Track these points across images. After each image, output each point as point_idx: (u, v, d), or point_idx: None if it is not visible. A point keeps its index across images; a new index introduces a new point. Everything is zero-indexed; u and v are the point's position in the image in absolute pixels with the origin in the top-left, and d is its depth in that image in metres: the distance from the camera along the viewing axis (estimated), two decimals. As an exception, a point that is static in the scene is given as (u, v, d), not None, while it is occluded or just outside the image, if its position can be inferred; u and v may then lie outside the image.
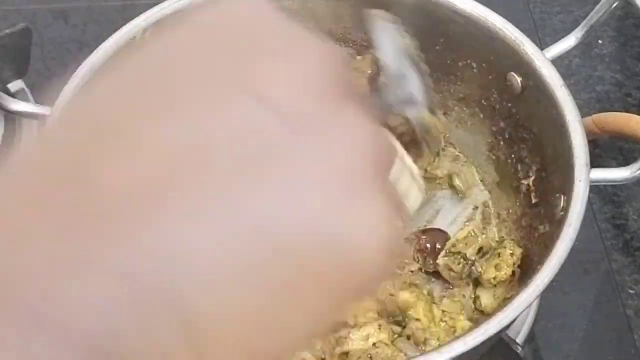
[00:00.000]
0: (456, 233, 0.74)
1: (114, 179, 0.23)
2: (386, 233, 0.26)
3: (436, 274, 0.73)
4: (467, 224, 0.77)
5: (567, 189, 0.64)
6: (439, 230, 0.75)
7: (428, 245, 0.73)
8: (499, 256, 0.69)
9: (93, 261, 0.22)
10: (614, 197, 0.84)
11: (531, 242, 0.71)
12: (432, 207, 0.79)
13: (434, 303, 0.71)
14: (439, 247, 0.72)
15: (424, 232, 0.75)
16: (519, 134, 0.75)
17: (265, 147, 0.25)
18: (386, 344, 0.65)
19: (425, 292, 0.71)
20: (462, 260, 0.70)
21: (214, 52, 0.27)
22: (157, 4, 0.75)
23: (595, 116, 0.78)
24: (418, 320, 0.68)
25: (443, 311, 0.70)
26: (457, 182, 0.79)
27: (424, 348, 0.67)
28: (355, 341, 0.66)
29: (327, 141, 0.26)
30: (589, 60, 0.94)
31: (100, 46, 0.71)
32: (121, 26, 0.73)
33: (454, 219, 0.78)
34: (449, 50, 0.78)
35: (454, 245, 0.72)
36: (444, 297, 0.72)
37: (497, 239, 0.75)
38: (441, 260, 0.71)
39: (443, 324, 0.70)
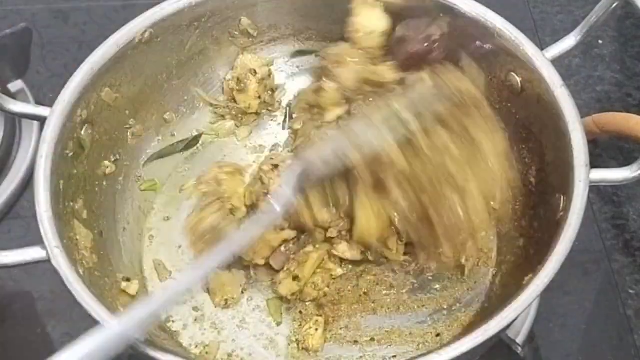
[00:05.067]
0: None
1: None
2: None
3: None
4: None
5: (566, 189, 0.64)
6: None
7: None
8: None
9: None
10: (614, 197, 0.84)
11: (531, 242, 0.70)
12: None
13: None
14: None
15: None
16: (518, 134, 0.75)
17: None
18: None
19: None
20: None
21: None
22: (157, 3, 0.75)
23: (595, 116, 0.77)
24: None
25: None
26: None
27: None
28: None
29: None
30: (589, 60, 0.95)
31: (100, 46, 0.72)
32: (121, 26, 0.73)
33: None
34: (449, 50, 0.78)
35: None
36: None
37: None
38: None
39: None
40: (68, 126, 0.68)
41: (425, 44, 0.74)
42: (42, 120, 0.68)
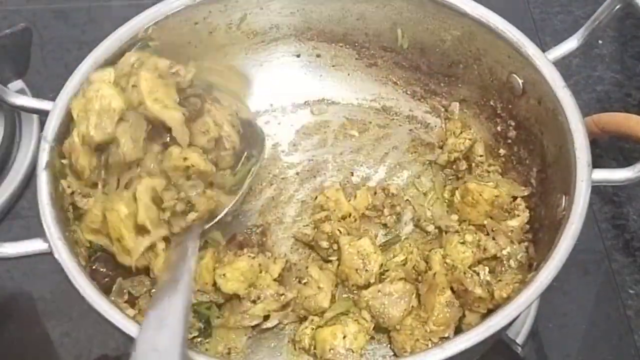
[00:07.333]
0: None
1: None
2: None
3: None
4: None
5: (568, 189, 0.64)
6: None
7: None
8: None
9: None
10: (614, 197, 0.84)
11: (531, 242, 0.70)
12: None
13: None
14: None
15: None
16: (520, 135, 0.75)
17: None
18: None
19: None
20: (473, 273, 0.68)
21: None
22: (157, 3, 0.75)
23: (595, 116, 0.78)
24: None
25: None
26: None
27: None
28: None
29: None
30: (589, 60, 0.95)
31: (101, 42, 0.72)
32: (121, 26, 0.73)
33: None
34: (450, 51, 0.79)
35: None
36: None
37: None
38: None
39: None
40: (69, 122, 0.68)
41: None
42: (43, 114, 0.68)
